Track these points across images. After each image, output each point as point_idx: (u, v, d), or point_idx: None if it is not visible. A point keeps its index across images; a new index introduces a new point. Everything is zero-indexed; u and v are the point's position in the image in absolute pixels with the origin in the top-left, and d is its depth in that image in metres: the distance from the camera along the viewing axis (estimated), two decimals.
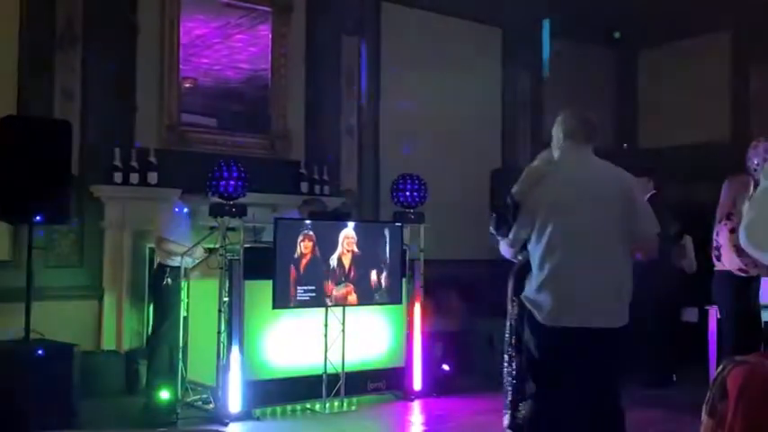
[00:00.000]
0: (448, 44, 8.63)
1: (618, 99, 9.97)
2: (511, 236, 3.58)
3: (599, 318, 3.40)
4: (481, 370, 7.38)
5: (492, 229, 3.67)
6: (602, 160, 3.62)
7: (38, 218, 5.12)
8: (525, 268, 3.80)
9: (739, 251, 5.47)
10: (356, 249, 6.03)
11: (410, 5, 8.47)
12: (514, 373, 4.28)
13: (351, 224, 6.11)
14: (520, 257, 4.06)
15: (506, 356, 4.37)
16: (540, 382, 3.50)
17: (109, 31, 6.71)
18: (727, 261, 5.57)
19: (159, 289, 5.91)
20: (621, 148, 9.48)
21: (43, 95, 6.39)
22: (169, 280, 5.85)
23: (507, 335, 4.38)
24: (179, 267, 5.86)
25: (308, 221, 5.96)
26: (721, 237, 5.61)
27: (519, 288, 3.99)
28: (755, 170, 6.39)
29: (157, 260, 6.13)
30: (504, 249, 3.84)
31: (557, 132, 3.67)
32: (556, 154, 3.70)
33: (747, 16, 8.47)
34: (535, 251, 3.49)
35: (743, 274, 5.52)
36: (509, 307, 4.34)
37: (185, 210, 6.07)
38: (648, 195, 7.17)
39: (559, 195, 3.47)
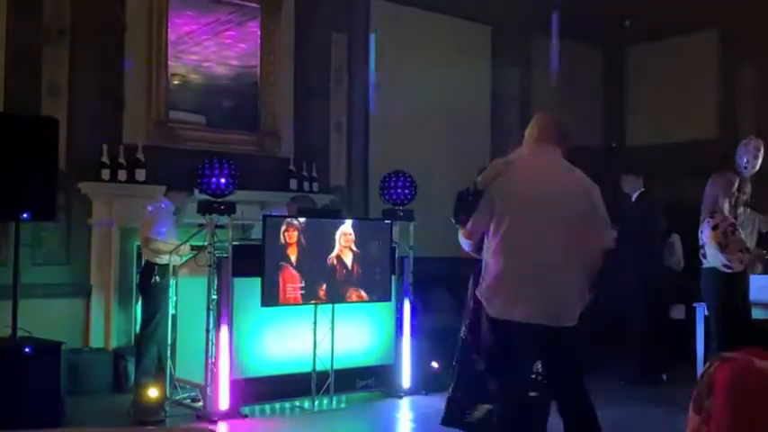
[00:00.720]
0: (437, 41, 8.63)
1: (606, 97, 10.00)
2: (469, 225, 3.61)
3: (543, 317, 3.44)
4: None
5: (452, 217, 3.69)
6: (567, 164, 3.66)
7: (25, 215, 5.10)
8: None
9: (722, 247, 5.51)
10: (354, 248, 6.03)
11: (399, 2, 8.46)
12: (458, 371, 4.27)
13: (348, 222, 6.11)
14: (483, 255, 4.04)
15: (457, 355, 4.34)
16: (499, 376, 3.56)
17: (96, 28, 6.67)
18: (711, 258, 5.61)
19: (147, 287, 5.89)
20: (609, 146, 9.52)
21: (30, 92, 6.35)
22: (157, 278, 5.83)
23: (463, 334, 4.33)
24: (167, 265, 5.84)
25: (296, 218, 5.94)
26: (705, 234, 5.65)
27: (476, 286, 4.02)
28: (745, 168, 6.44)
29: (145, 258, 6.11)
30: (463, 241, 3.83)
31: (528, 131, 3.74)
32: (524, 152, 3.74)
33: (734, 15, 8.51)
34: (490, 244, 3.55)
35: (728, 270, 5.56)
36: (469, 305, 4.33)
37: (165, 206, 6.06)
38: (638, 193, 7.22)
39: (518, 190, 3.52)
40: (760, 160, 6.46)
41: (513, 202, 3.50)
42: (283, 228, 5.71)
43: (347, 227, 6.06)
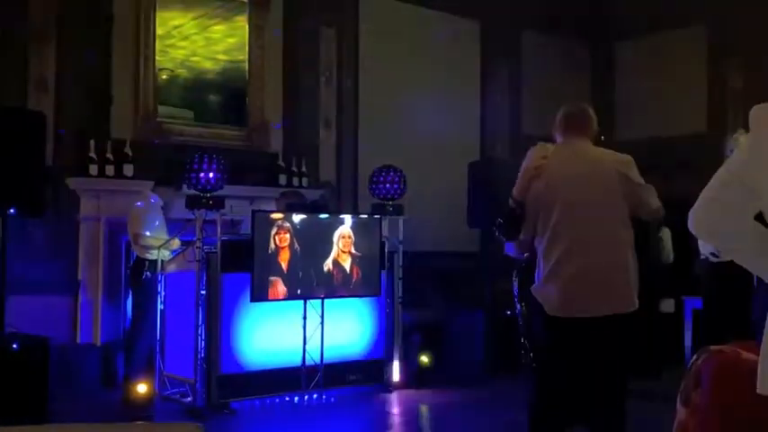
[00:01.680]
0: (426, 36, 8.62)
1: (594, 92, 10.01)
2: (521, 236, 3.61)
3: (605, 305, 3.43)
4: (460, 362, 7.41)
5: (502, 236, 3.70)
6: (597, 147, 3.66)
7: (11, 210, 5.07)
8: (529, 266, 3.82)
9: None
10: (354, 250, 6.03)
11: None
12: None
13: (347, 222, 6.09)
14: (524, 257, 4.06)
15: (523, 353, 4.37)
16: (549, 371, 3.54)
17: (84, 22, 6.62)
18: (701, 247, 5.65)
19: (138, 283, 5.86)
20: (598, 141, 9.53)
21: (17, 87, 6.30)
22: (148, 273, 5.81)
23: (523, 336, 4.38)
24: (158, 261, 5.82)
25: (286, 214, 5.93)
26: None
27: (523, 287, 4.06)
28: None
29: (135, 254, 6.09)
30: (510, 248, 3.84)
31: (556, 124, 3.72)
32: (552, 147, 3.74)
33: (722, 10, 8.54)
34: (539, 243, 3.53)
35: (714, 259, 5.60)
36: (518, 307, 4.37)
37: (154, 201, 6.04)
38: None
39: (556, 188, 3.51)
40: None
41: (555, 201, 3.48)
42: (274, 231, 5.67)
43: (346, 228, 6.04)
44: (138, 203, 5.96)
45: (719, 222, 2.00)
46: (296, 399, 5.91)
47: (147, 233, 5.86)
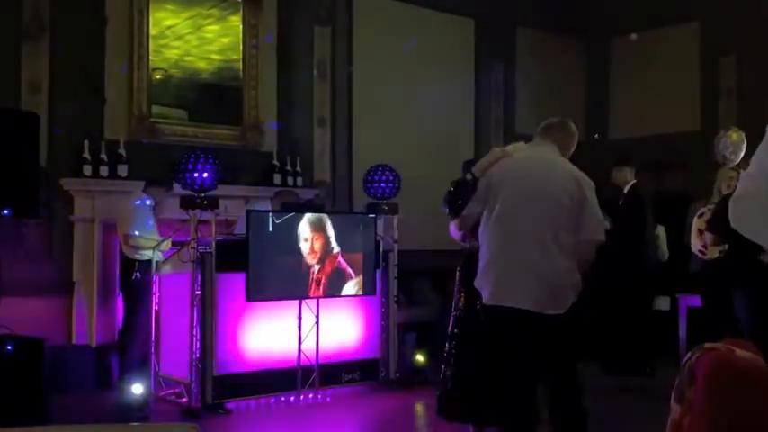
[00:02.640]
0: (421, 35, 8.62)
1: (588, 90, 10.03)
2: (464, 211, 3.70)
3: (530, 302, 3.50)
4: None
5: (444, 206, 3.76)
6: (563, 159, 3.73)
7: (5, 211, 5.05)
8: (472, 258, 3.86)
9: (700, 233, 5.61)
10: (332, 242, 6.02)
11: None
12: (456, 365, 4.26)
13: (326, 216, 6.09)
14: (468, 245, 4.11)
15: (447, 346, 4.31)
16: (492, 359, 3.67)
17: (77, 22, 6.60)
18: (692, 244, 5.69)
19: (129, 283, 5.85)
20: (592, 139, 9.55)
21: (10, 87, 6.28)
22: (138, 274, 5.80)
23: (451, 326, 4.34)
24: (148, 261, 5.81)
25: (280, 213, 5.93)
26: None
27: (465, 277, 4.06)
28: (723, 160, 6.48)
29: (124, 255, 6.08)
30: (454, 229, 3.96)
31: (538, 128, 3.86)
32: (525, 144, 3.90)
33: (716, 8, 8.55)
34: (483, 233, 3.65)
35: (703, 256, 5.64)
36: (455, 297, 4.35)
37: (148, 202, 6.03)
38: (629, 185, 7.24)
39: (511, 179, 3.62)
40: (742, 153, 6.50)
41: (505, 190, 3.59)
42: (310, 235, 5.81)
43: (327, 223, 6.04)
44: (127, 204, 5.96)
45: (753, 217, 1.90)
46: (291, 398, 5.91)
47: (137, 233, 5.85)
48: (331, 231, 6.02)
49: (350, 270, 6.09)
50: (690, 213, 6.43)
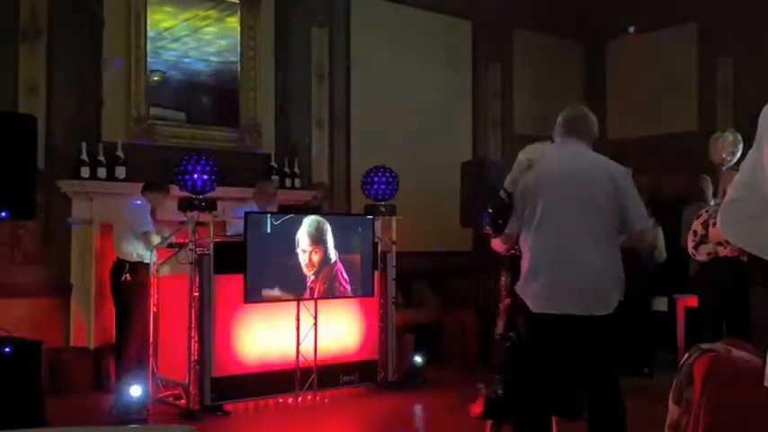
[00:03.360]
0: (418, 36, 8.63)
1: (586, 91, 10.03)
2: (507, 229, 3.61)
3: (579, 306, 3.44)
4: (453, 361, 7.42)
5: (489, 228, 3.69)
6: (593, 153, 3.68)
7: (3, 213, 5.04)
8: (518, 260, 3.84)
9: (694, 234, 5.65)
10: (330, 253, 6.02)
11: None
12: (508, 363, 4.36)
13: (326, 226, 6.09)
14: (512, 251, 4.09)
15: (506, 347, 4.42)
16: (533, 369, 3.56)
17: (74, 24, 6.60)
18: (688, 244, 5.74)
19: (119, 286, 5.85)
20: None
21: (7, 90, 6.28)
22: (128, 276, 5.79)
23: (500, 330, 4.41)
24: (138, 263, 5.81)
25: (278, 215, 5.93)
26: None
27: (513, 281, 4.09)
28: (722, 163, 6.49)
29: (124, 257, 6.08)
30: (497, 244, 3.84)
31: (557, 124, 3.76)
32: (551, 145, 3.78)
33: (713, 9, 8.57)
34: (524, 240, 3.56)
35: (693, 257, 5.71)
36: (503, 301, 4.40)
37: (148, 206, 6.04)
38: None
39: (547, 184, 3.53)
40: (739, 154, 6.50)
41: (544, 196, 3.51)
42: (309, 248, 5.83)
43: (326, 224, 6.05)
44: (132, 203, 5.97)
45: (740, 224, 1.92)
46: (290, 400, 5.90)
47: (150, 229, 5.87)
48: (330, 242, 6.01)
49: (345, 285, 6.08)
50: (684, 214, 6.45)
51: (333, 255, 6.03)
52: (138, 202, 5.97)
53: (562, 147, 3.70)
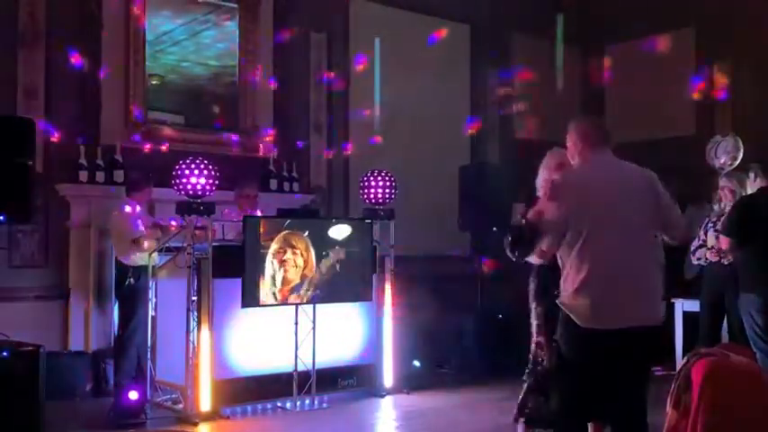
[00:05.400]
0: (417, 40, 8.64)
1: (584, 95, 10.05)
2: (545, 247, 3.52)
3: (638, 317, 3.38)
4: (452, 366, 7.42)
5: (508, 252, 3.64)
6: (622, 161, 3.64)
7: (1, 217, 5.04)
8: (549, 269, 3.82)
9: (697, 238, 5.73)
10: (326, 247, 6.02)
11: (378, 2, 8.45)
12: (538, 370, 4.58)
13: (321, 221, 6.10)
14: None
15: (531, 356, 4.65)
16: (576, 384, 3.47)
17: (73, 28, 6.61)
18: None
19: (122, 289, 5.85)
20: None
21: (6, 93, 6.28)
22: (131, 280, 5.79)
23: (535, 335, 4.61)
24: (144, 266, 5.81)
25: (276, 219, 5.93)
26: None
27: (542, 288, 4.15)
28: (722, 166, 6.51)
29: (126, 262, 6.09)
30: (534, 259, 3.78)
31: (573, 140, 3.67)
32: (575, 161, 3.71)
33: (710, 13, 8.59)
34: (570, 254, 3.44)
35: (697, 262, 5.78)
36: (533, 307, 4.51)
37: (137, 208, 6.05)
38: None
39: (591, 195, 3.45)
40: (740, 157, 6.52)
41: (588, 210, 3.41)
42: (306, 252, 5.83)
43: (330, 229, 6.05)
44: (120, 209, 5.99)
45: None
46: (288, 404, 5.90)
47: (142, 233, 5.86)
48: (329, 246, 6.00)
49: (343, 289, 6.10)
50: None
51: (331, 259, 6.02)
52: (127, 208, 5.97)
53: (598, 157, 3.60)
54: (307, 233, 5.92)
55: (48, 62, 6.49)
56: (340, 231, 6.13)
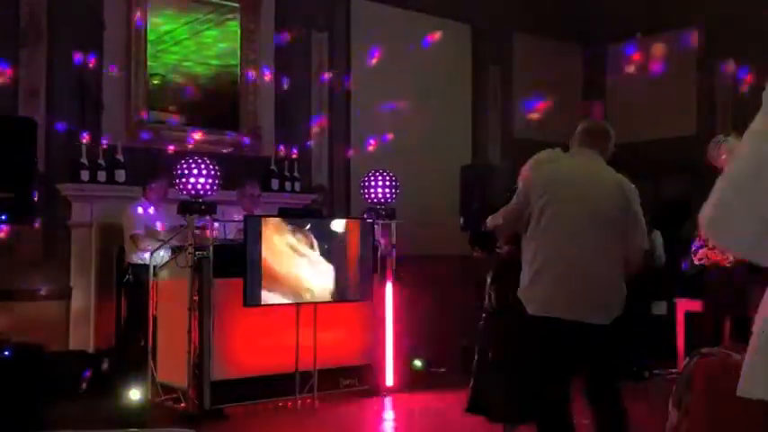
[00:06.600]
0: (418, 40, 8.63)
1: (586, 95, 10.04)
2: (503, 226, 3.76)
3: (582, 312, 3.47)
4: (452, 365, 7.41)
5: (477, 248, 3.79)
6: (606, 166, 3.71)
7: (3, 217, 5.05)
8: (507, 263, 3.90)
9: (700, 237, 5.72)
10: (327, 247, 6.02)
11: (380, 1, 8.45)
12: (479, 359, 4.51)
13: (322, 221, 6.10)
14: (498, 250, 4.18)
15: (478, 347, 4.55)
16: (536, 372, 3.62)
17: (74, 27, 6.61)
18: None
19: (125, 287, 5.85)
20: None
21: (7, 93, 6.28)
22: (131, 277, 5.79)
23: (483, 324, 4.54)
24: (142, 265, 5.81)
25: (277, 218, 5.93)
26: None
27: (497, 279, 4.17)
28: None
29: (127, 259, 6.09)
30: (492, 221, 3.90)
31: (573, 139, 3.81)
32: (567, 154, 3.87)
33: (713, 12, 8.58)
34: (528, 243, 3.58)
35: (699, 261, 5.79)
36: (487, 298, 4.50)
37: (142, 209, 6.05)
38: None
39: (558, 188, 3.57)
40: None
41: (552, 201, 3.53)
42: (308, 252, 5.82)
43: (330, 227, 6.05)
44: (129, 206, 5.98)
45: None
46: (289, 404, 5.90)
47: (141, 233, 5.86)
48: (330, 245, 6.00)
49: (344, 289, 6.09)
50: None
51: (332, 258, 6.02)
52: (139, 209, 5.97)
53: (577, 155, 3.73)
54: (308, 233, 5.91)
55: (49, 61, 6.49)
56: (341, 231, 6.13)
